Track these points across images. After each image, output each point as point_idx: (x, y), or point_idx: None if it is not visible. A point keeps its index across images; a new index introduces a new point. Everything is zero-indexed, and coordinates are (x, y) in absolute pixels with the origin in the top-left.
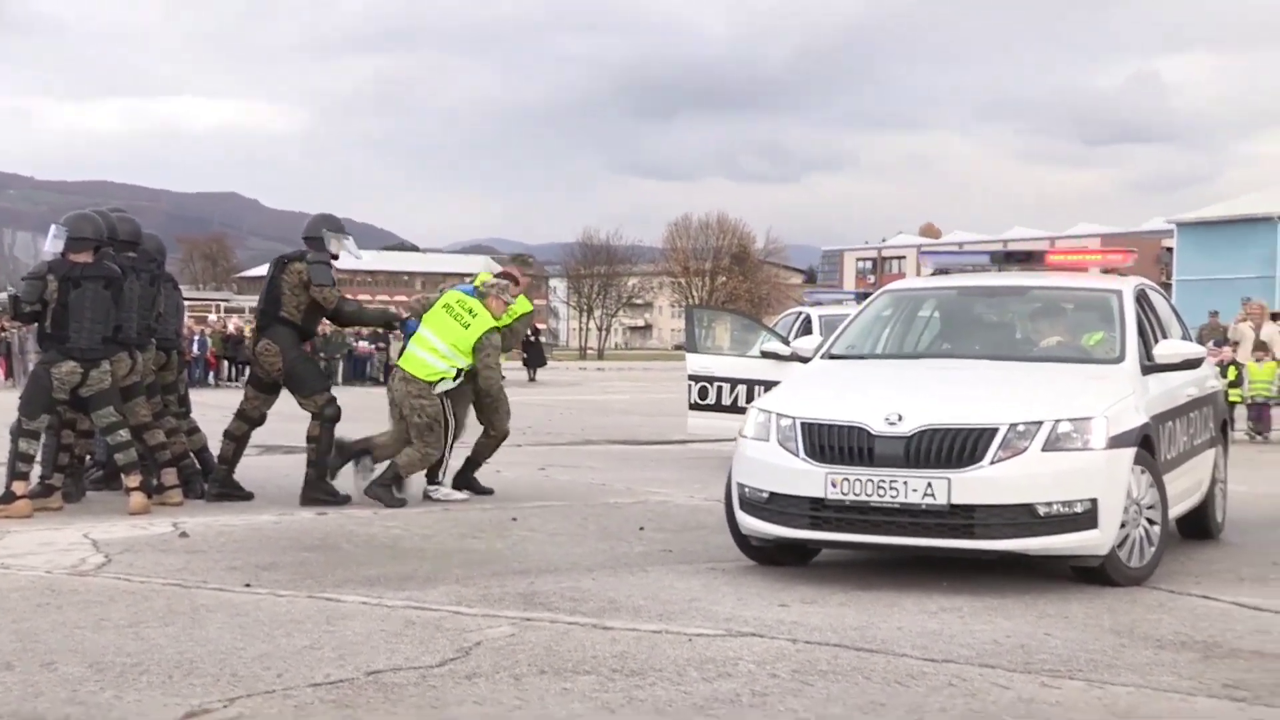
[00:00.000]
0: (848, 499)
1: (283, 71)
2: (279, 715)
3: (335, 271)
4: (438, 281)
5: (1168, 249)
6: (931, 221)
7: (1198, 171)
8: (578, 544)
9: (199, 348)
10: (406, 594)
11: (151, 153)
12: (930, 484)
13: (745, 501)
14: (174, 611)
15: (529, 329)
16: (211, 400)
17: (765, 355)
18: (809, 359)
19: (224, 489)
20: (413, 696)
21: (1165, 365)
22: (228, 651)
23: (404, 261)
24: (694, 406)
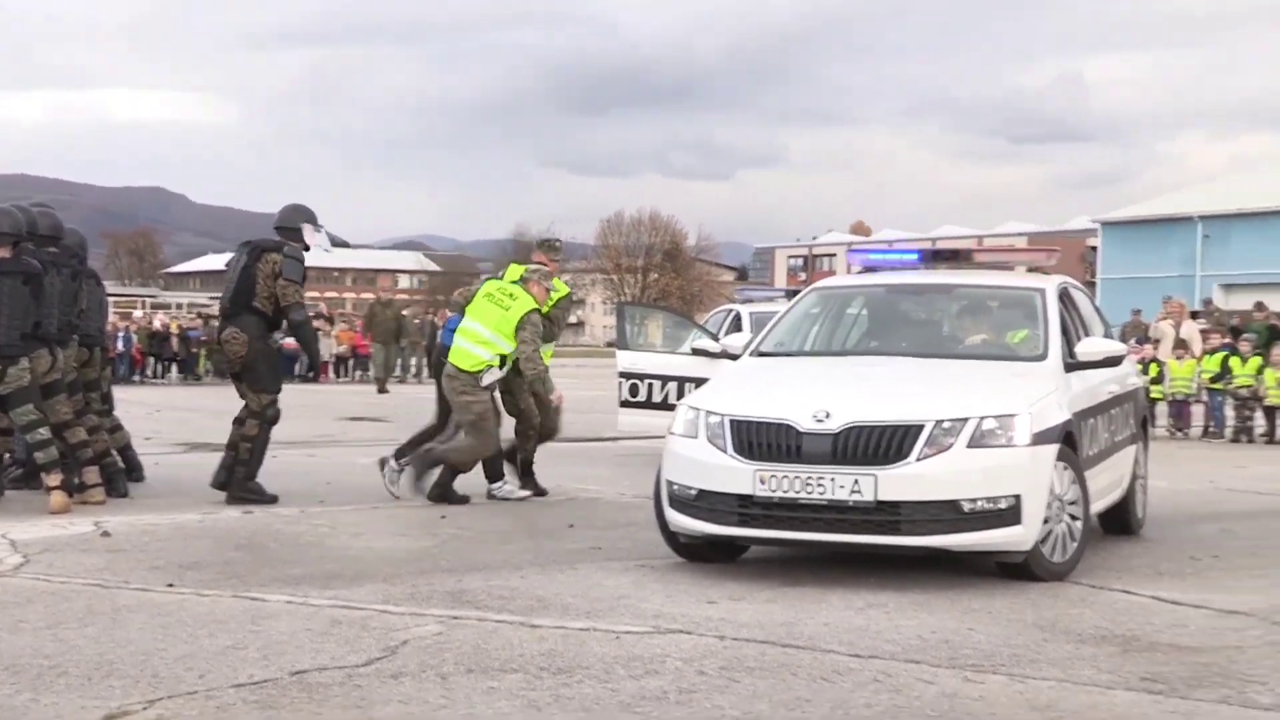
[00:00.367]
0: (775, 496)
1: (213, 64)
2: (200, 716)
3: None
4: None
5: (1092, 247)
6: (862, 219)
7: (1121, 170)
8: (507, 542)
9: (124, 344)
10: (333, 593)
11: (76, 146)
12: (857, 481)
13: (674, 499)
14: (94, 612)
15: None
16: (137, 397)
17: (696, 352)
18: (738, 356)
19: (244, 492)
20: (337, 696)
21: (1087, 363)
22: (149, 652)
23: (335, 257)
24: (624, 404)
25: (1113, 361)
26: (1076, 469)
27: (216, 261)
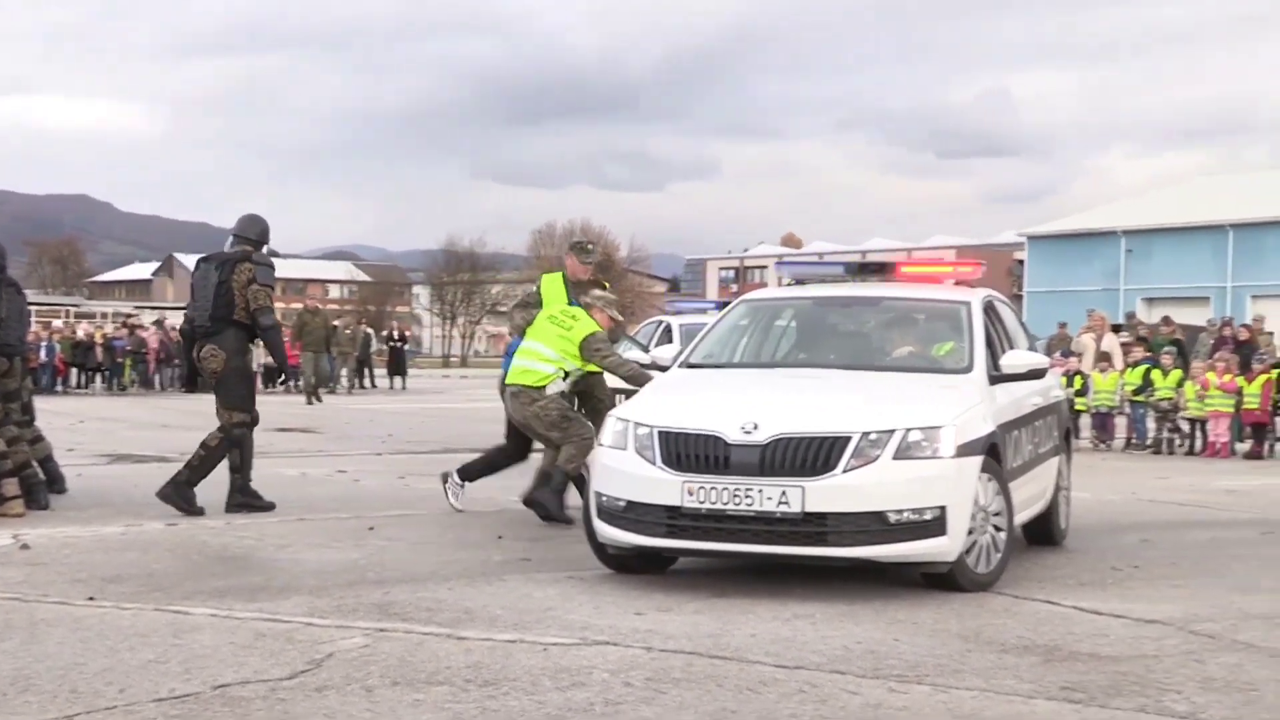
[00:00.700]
0: (704, 507)
1: (139, 71)
2: None
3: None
4: (299, 288)
5: (1019, 261)
6: (793, 231)
7: (1046, 185)
8: (435, 553)
9: (47, 354)
10: (258, 605)
11: None
12: (785, 492)
13: (603, 510)
14: (11, 626)
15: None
16: (60, 408)
17: None
18: (667, 367)
19: (243, 498)
20: (260, 710)
21: (1011, 375)
22: (67, 667)
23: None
24: None
25: (1036, 374)
26: (1001, 480)
27: (142, 270)
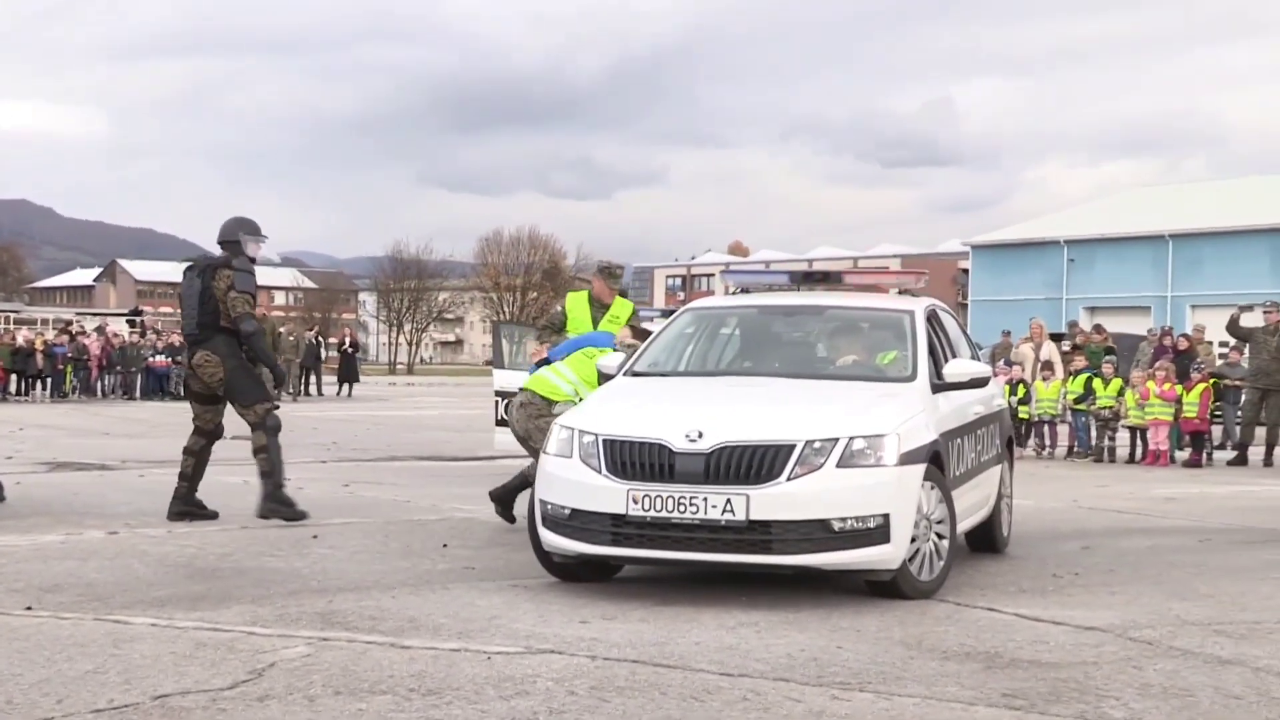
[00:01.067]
0: (649, 515)
1: (80, 74)
2: None
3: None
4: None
5: (963, 270)
6: (740, 240)
7: (989, 194)
8: (379, 561)
9: None
10: (199, 615)
11: None
12: (729, 500)
13: (547, 518)
14: None
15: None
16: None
17: None
18: (612, 375)
19: (185, 507)
20: None
21: (954, 384)
22: (3, 678)
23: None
24: (500, 422)
25: (979, 383)
26: (944, 488)
27: (84, 276)
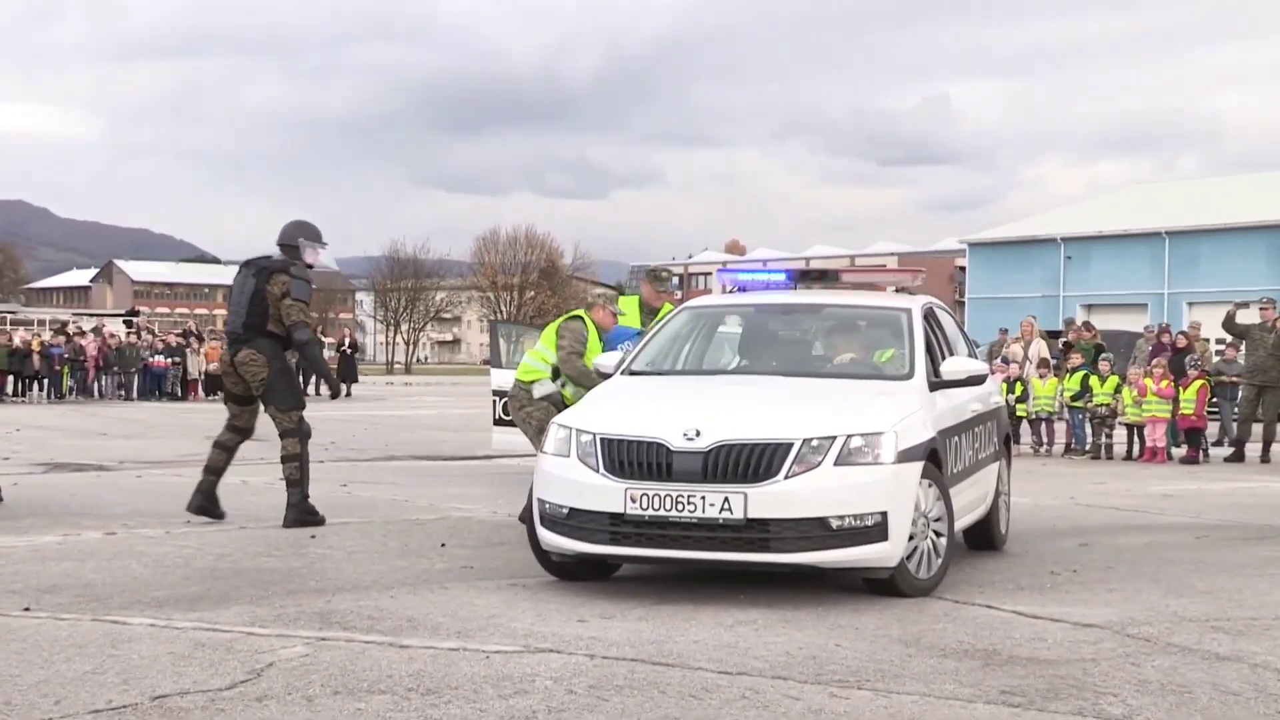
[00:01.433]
0: (646, 514)
1: (74, 75)
2: None
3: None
4: None
5: (960, 268)
6: (736, 238)
7: (986, 192)
8: (377, 561)
9: None
10: (197, 615)
11: None
12: (727, 499)
13: (546, 517)
14: None
15: None
16: None
17: None
18: (610, 375)
19: (207, 501)
20: None
21: (951, 381)
22: (1, 679)
23: (204, 274)
24: (498, 422)
25: (976, 380)
26: (941, 486)
27: (80, 277)
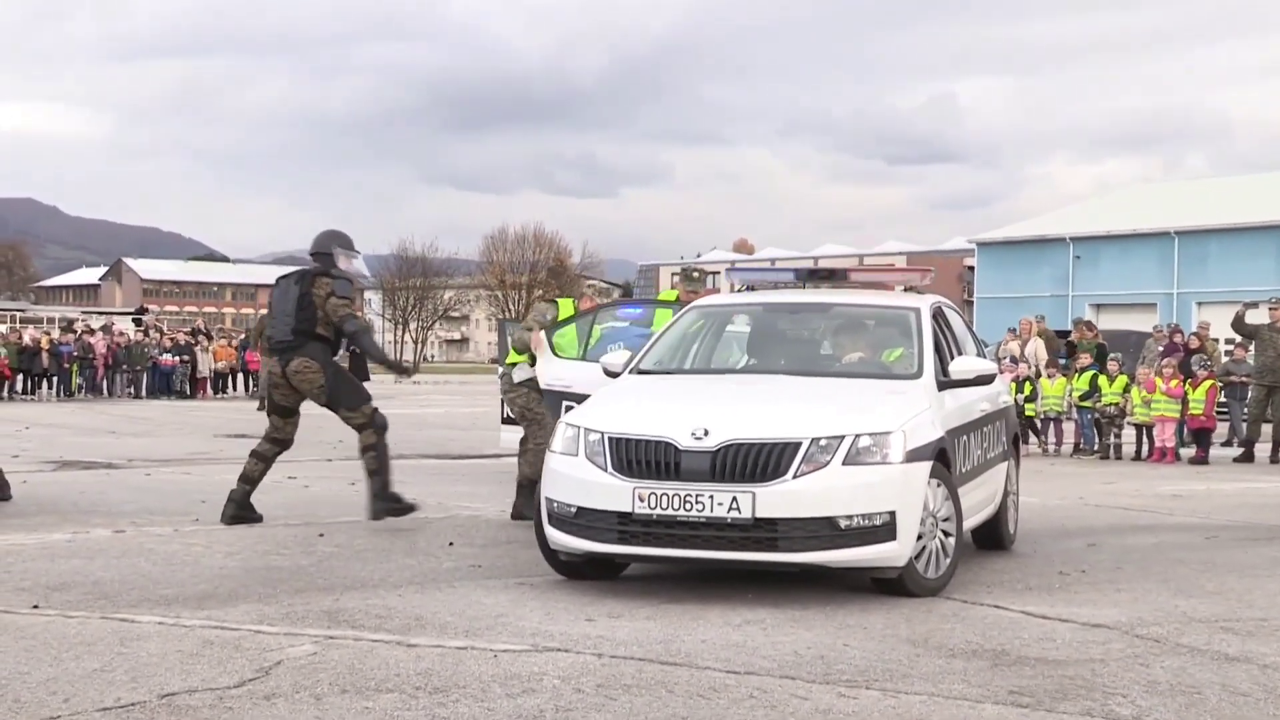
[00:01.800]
0: (655, 513)
1: (81, 74)
2: None
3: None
4: (250, 293)
5: (969, 267)
6: (745, 237)
7: (994, 191)
8: (385, 560)
9: None
10: (206, 613)
11: None
12: (735, 498)
13: (553, 516)
14: None
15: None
16: (4, 414)
17: None
18: (618, 374)
19: (242, 511)
20: (207, 719)
21: (960, 381)
22: (10, 677)
23: (213, 272)
24: (506, 420)
25: (985, 380)
26: (950, 486)
27: (89, 275)
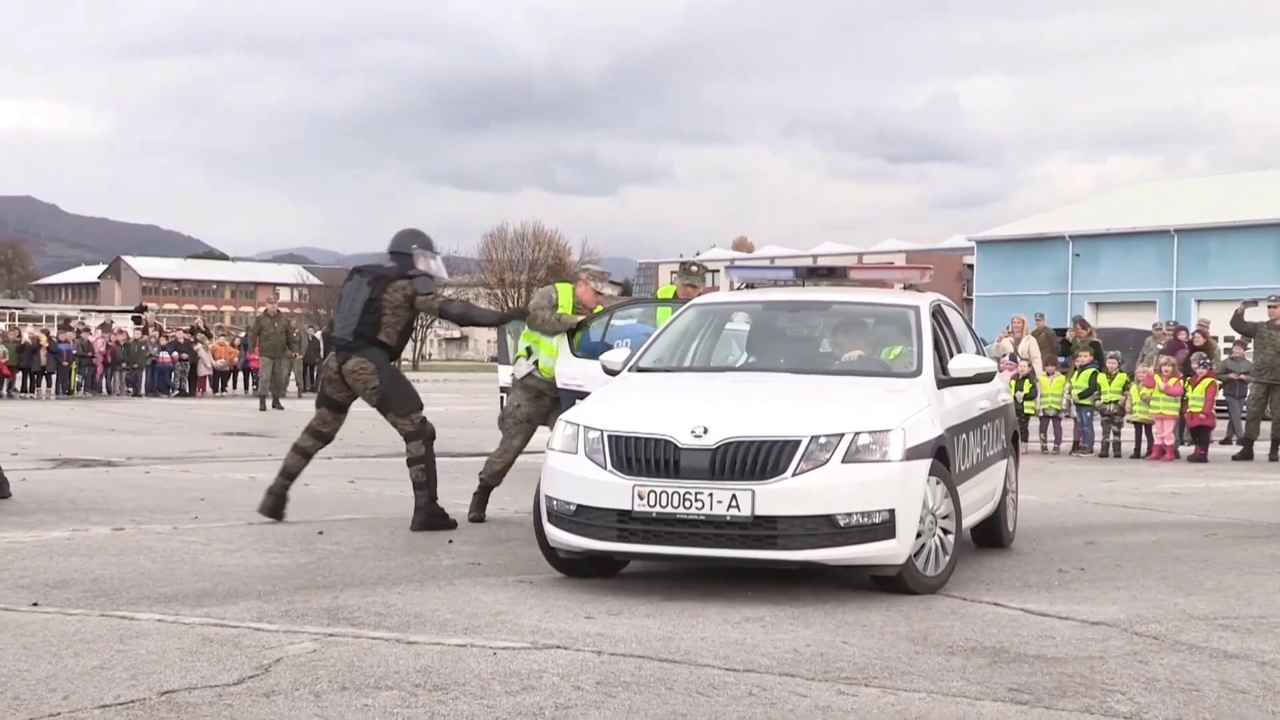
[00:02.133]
0: (654, 511)
1: (83, 72)
2: None
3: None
4: (249, 291)
5: (968, 265)
6: (745, 235)
7: (995, 190)
8: (385, 557)
9: None
10: (205, 610)
11: None
12: (735, 496)
13: (553, 514)
14: None
15: None
16: (3, 412)
17: None
18: (617, 372)
19: (278, 504)
20: (207, 716)
21: (959, 379)
22: (9, 674)
23: (213, 270)
24: None
25: (984, 378)
26: (949, 483)
27: (89, 273)
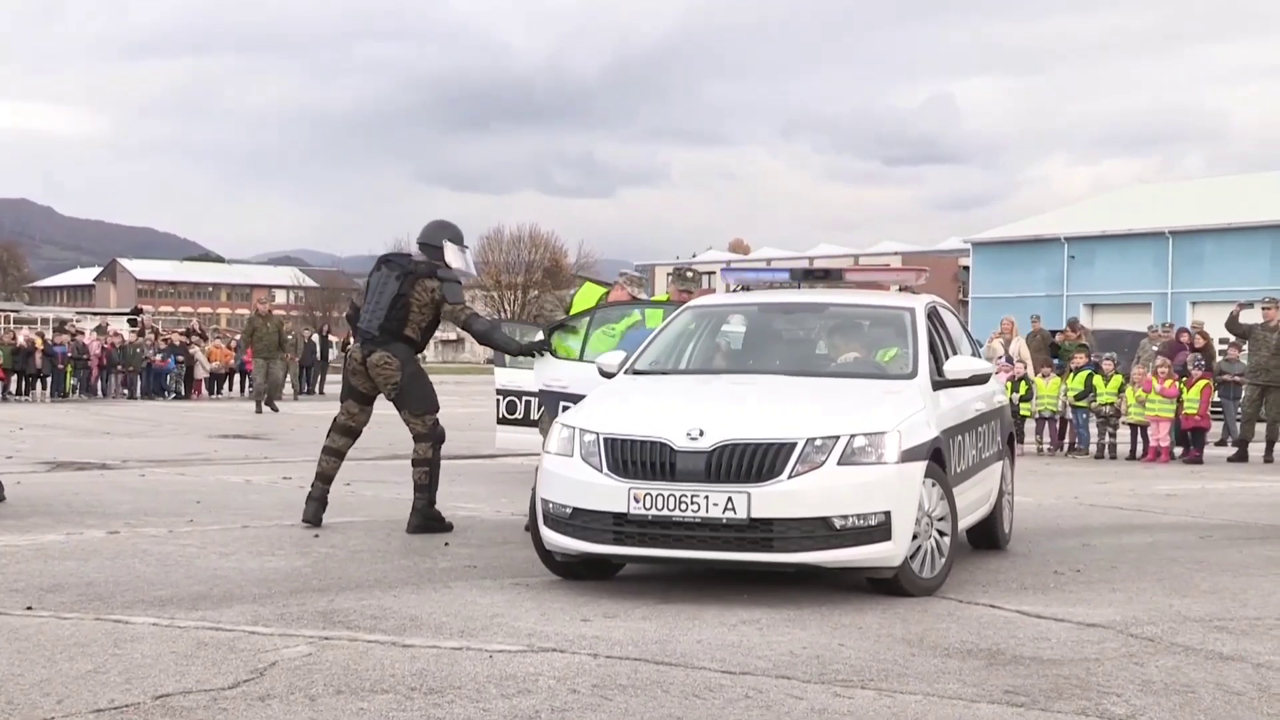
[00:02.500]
0: (650, 514)
1: (78, 73)
2: None
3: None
4: (245, 293)
5: (964, 267)
6: (741, 237)
7: (991, 191)
8: (381, 560)
9: None
10: (200, 614)
11: None
12: (731, 498)
13: (549, 517)
14: None
15: None
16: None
17: None
18: (613, 374)
19: (322, 510)
20: None
21: (955, 381)
22: (3, 678)
23: (208, 272)
24: (502, 421)
25: (980, 380)
26: (945, 485)
27: (84, 276)
